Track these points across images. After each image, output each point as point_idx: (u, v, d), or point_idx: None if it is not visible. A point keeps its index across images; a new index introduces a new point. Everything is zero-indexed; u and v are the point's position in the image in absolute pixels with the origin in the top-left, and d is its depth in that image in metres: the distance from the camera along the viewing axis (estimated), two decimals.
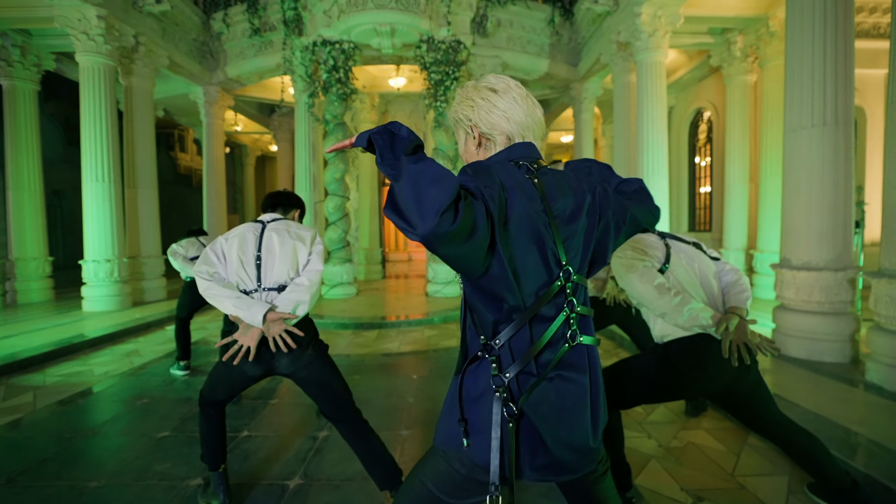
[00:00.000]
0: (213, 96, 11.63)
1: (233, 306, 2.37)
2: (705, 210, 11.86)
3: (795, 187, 5.00)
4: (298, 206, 2.94)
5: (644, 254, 2.49)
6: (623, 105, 9.18)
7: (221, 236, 2.59)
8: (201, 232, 5.62)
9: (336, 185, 9.55)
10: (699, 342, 2.37)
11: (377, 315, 7.88)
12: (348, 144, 1.26)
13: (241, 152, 20.06)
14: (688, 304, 2.32)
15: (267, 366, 2.52)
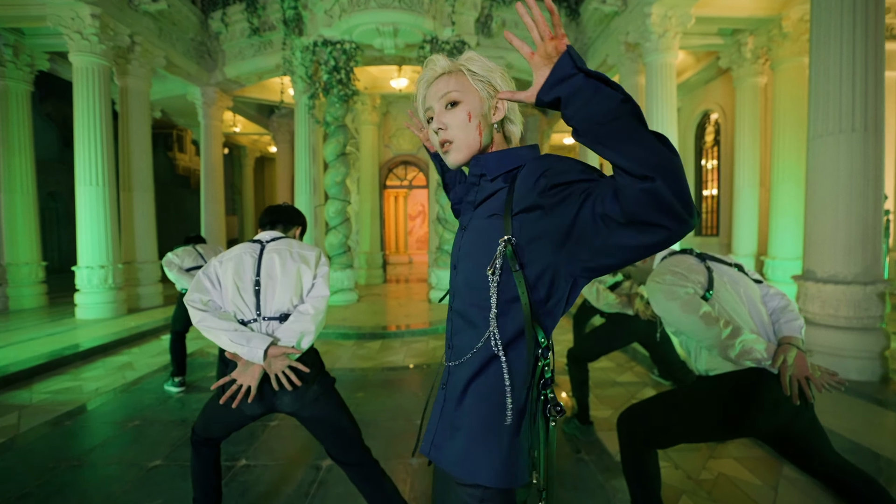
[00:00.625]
0: (212, 97, 11.39)
1: (230, 341, 2.09)
2: (712, 214, 11.63)
3: (821, 196, 4.74)
4: (300, 222, 2.67)
5: (685, 279, 2.22)
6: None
7: (215, 258, 2.30)
8: (199, 239, 5.35)
9: (337, 188, 9.32)
10: (754, 378, 2.10)
11: (379, 324, 7.66)
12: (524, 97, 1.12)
13: (239, 154, 19.82)
14: (739, 335, 2.06)
15: (268, 404, 2.26)
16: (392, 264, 18.04)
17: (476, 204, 1.24)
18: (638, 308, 3.55)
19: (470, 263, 1.18)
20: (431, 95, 1.27)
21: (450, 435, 1.20)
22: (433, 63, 1.28)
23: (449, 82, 1.24)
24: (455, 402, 1.21)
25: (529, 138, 15.10)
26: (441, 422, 1.23)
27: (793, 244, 8.07)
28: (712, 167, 11.59)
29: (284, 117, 14.88)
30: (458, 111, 1.23)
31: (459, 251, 1.24)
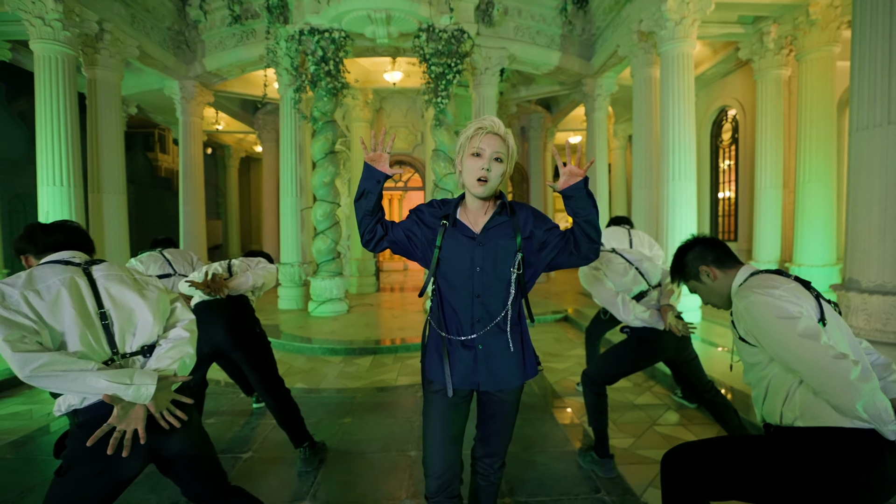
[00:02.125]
0: (191, 91, 11.12)
1: (108, 382, 1.75)
2: (729, 217, 11.35)
3: (865, 195, 4.41)
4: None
5: (797, 297, 1.85)
6: (644, 102, 8.68)
7: (21, 288, 1.80)
8: (168, 242, 4.98)
9: (325, 189, 9.04)
10: (871, 444, 1.69)
11: (371, 338, 7.39)
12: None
13: (223, 154, 19.54)
14: (870, 380, 1.66)
15: (149, 452, 1.92)
16: (386, 272, 17.78)
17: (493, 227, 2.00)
18: (670, 322, 3.22)
19: (500, 264, 1.96)
20: (487, 143, 1.95)
21: (504, 367, 2.02)
22: (494, 124, 1.97)
23: (500, 144, 1.96)
24: (502, 348, 2.01)
25: (532, 136, 14.93)
26: (488, 365, 2.00)
27: (821, 250, 7.78)
28: (729, 167, 11.30)
29: (270, 114, 14.59)
30: (501, 166, 1.97)
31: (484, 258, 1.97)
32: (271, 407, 3.55)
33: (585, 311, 9.09)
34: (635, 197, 8.93)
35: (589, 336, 5.06)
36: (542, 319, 8.90)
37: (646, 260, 3.62)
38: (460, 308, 2.01)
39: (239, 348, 3.53)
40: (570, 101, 13.18)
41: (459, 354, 2.02)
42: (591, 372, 3.52)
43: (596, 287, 3.47)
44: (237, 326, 3.55)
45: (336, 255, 9.37)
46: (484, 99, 9.58)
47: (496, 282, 1.97)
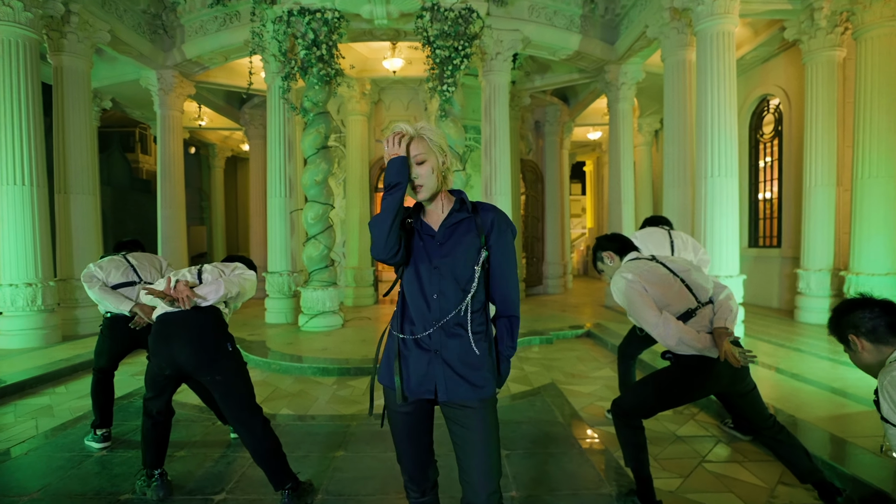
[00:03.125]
0: (169, 82, 11.01)
1: None
2: (771, 221, 11.02)
3: None
4: None
5: None
6: (676, 89, 8.44)
7: None
8: (134, 246, 4.75)
9: (317, 189, 8.84)
10: None
11: (368, 356, 7.13)
12: None
13: (208, 153, 19.46)
14: None
15: None
16: (385, 282, 17.41)
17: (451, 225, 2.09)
18: (727, 350, 2.83)
19: (459, 262, 2.04)
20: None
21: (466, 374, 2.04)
22: (402, 129, 2.07)
23: (416, 144, 2.05)
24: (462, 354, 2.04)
25: (548, 131, 14.75)
26: (446, 370, 2.02)
27: (884, 256, 7.54)
28: (770, 164, 11.00)
29: (258, 108, 14.38)
30: (427, 165, 2.07)
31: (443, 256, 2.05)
32: (247, 442, 3.23)
33: (609, 325, 8.91)
34: (666, 196, 8.68)
35: (622, 356, 4.74)
36: (560, 336, 8.67)
37: (693, 270, 3.20)
38: (419, 308, 2.07)
39: (207, 370, 3.20)
40: (590, 91, 13.00)
41: (415, 356, 2.06)
42: (626, 403, 3.18)
43: (633, 304, 3.05)
44: (204, 344, 3.22)
45: (329, 262, 9.20)
46: (494, 88, 9.40)
47: (454, 281, 2.04)
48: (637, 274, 3.09)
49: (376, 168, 12.71)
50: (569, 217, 16.25)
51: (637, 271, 3.11)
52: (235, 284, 3.39)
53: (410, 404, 2.07)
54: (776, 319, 9.14)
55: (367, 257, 12.47)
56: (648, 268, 3.16)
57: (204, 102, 13.71)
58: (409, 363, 2.05)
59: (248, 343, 7.95)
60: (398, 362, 2.06)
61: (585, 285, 16.98)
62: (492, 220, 2.08)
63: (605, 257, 3.50)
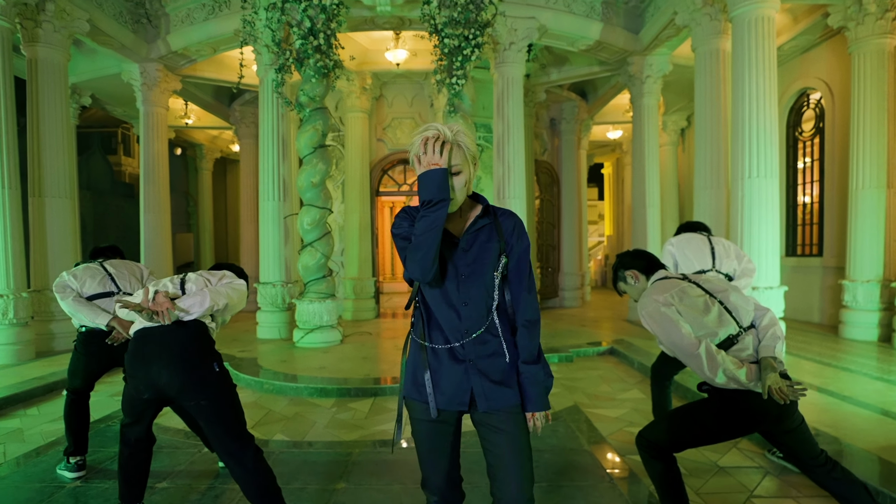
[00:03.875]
0: (153, 77, 11.01)
1: None
2: (811, 227, 10.91)
3: None
4: None
5: None
6: (709, 82, 8.36)
7: None
8: (112, 252, 4.68)
9: (314, 192, 8.80)
10: None
11: (370, 375, 7.11)
12: None
13: (195, 154, 19.51)
14: None
15: None
16: (387, 294, 17.61)
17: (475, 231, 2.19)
18: (771, 385, 2.60)
19: (486, 269, 2.16)
20: None
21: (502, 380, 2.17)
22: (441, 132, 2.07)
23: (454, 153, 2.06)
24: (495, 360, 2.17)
25: (565, 129, 14.74)
26: (483, 380, 2.13)
27: None
28: (809, 164, 10.93)
29: (249, 104, 14.32)
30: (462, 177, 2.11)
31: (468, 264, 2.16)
32: (236, 475, 3.09)
33: (634, 342, 8.86)
34: (697, 200, 8.59)
35: (656, 377, 4.59)
36: (580, 353, 8.59)
37: (732, 290, 3.00)
38: (448, 319, 2.15)
39: (190, 394, 3.05)
40: (611, 86, 12.96)
41: (447, 367, 2.14)
42: (656, 436, 3.01)
43: (666, 331, 2.83)
44: (188, 364, 3.06)
45: (327, 272, 9.17)
46: (508, 81, 9.36)
47: (483, 288, 2.15)
48: (669, 295, 2.90)
49: (378, 170, 12.67)
50: (586, 223, 16.14)
51: (668, 292, 2.91)
52: (223, 295, 3.24)
53: (440, 414, 2.14)
54: (818, 335, 9.01)
55: (367, 267, 12.43)
56: (681, 288, 2.95)
57: (191, 99, 13.67)
58: (441, 374, 2.13)
59: (237, 360, 7.89)
60: (428, 371, 2.14)
61: (604, 298, 16.88)
62: (513, 226, 2.20)
63: (629, 276, 3.28)
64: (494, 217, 2.21)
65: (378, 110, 12.57)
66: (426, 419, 2.16)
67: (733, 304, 2.91)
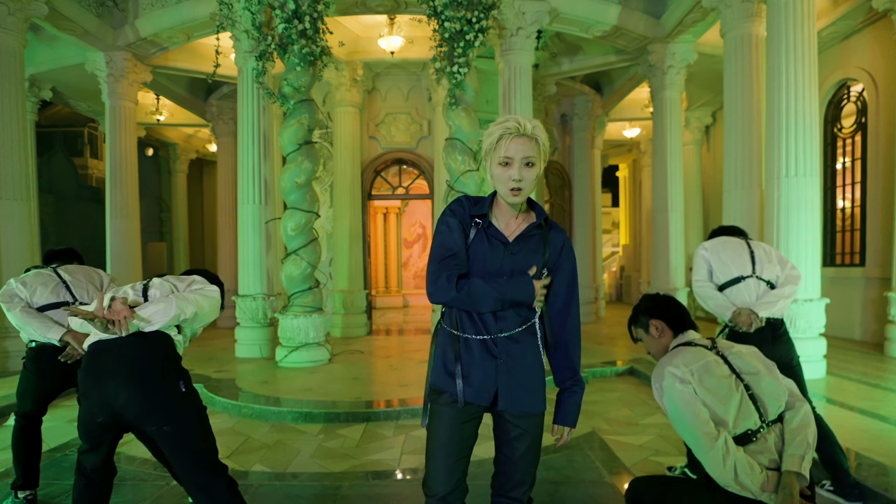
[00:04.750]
0: (120, 67, 10.99)
1: None
2: (851, 233, 10.90)
3: None
4: None
5: None
6: (739, 71, 8.30)
7: None
8: (69, 256, 4.60)
9: (298, 194, 8.81)
10: None
11: (361, 398, 7.08)
12: None
13: (168, 155, 19.59)
14: None
15: None
16: (380, 309, 17.72)
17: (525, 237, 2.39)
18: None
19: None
20: (515, 149, 2.27)
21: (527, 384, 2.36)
22: (521, 124, 2.27)
23: (530, 146, 2.27)
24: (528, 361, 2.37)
25: (577, 126, 14.78)
26: (510, 379, 2.34)
27: None
28: (850, 164, 10.91)
29: (228, 98, 14.31)
30: (533, 170, 2.31)
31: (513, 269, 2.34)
32: None
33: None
34: (727, 202, 8.57)
35: None
36: (597, 373, 8.56)
37: (765, 371, 2.71)
38: (485, 316, 2.34)
39: (152, 417, 2.87)
40: (629, 77, 13.00)
41: (478, 360, 2.33)
42: (648, 498, 2.89)
43: (681, 418, 2.57)
44: (149, 382, 2.87)
45: (313, 283, 9.17)
46: (515, 71, 9.37)
47: None
48: (688, 371, 2.61)
49: (370, 171, 12.67)
50: (601, 231, 16.09)
51: (689, 367, 2.62)
52: (191, 303, 3.07)
53: (466, 407, 2.33)
54: (860, 353, 8.95)
55: (358, 278, 12.41)
56: (705, 363, 2.66)
57: (162, 92, 13.69)
58: (472, 366, 2.33)
59: (213, 382, 7.86)
60: (459, 362, 2.33)
61: (620, 313, 16.83)
62: (562, 244, 2.41)
63: (652, 327, 2.99)
64: (546, 229, 2.40)
65: (370, 105, 12.60)
66: (450, 409, 2.33)
67: (762, 392, 2.64)
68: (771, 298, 4.05)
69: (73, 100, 13.88)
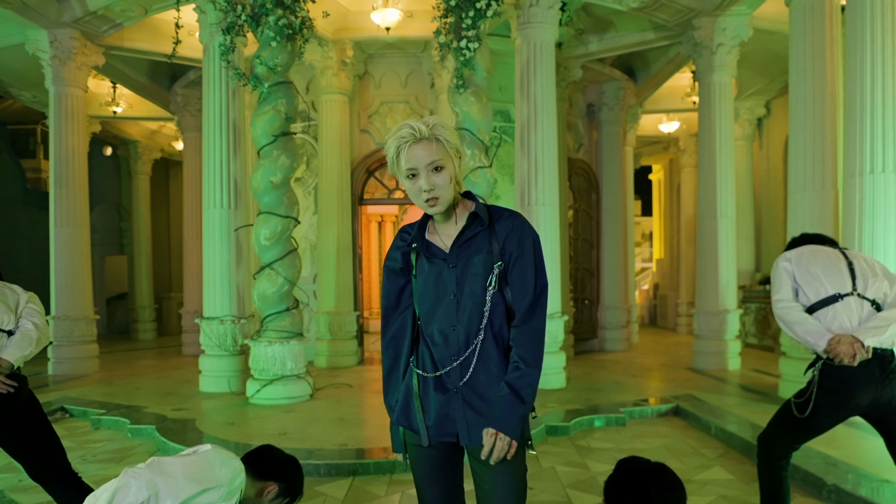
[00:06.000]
0: (67, 47, 10.93)
1: None
2: None
3: None
4: None
5: None
6: (810, 46, 8.04)
7: None
8: None
9: (274, 195, 8.67)
10: None
11: (349, 444, 6.89)
12: None
13: (128, 154, 19.53)
14: None
15: None
16: (373, 334, 17.47)
17: (464, 242, 2.43)
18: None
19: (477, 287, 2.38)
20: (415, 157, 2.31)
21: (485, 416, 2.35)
22: (415, 129, 2.29)
23: (433, 148, 2.30)
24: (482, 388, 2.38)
25: (605, 118, 14.72)
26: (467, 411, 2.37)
27: None
28: None
29: (195, 86, 14.15)
30: (444, 172, 2.35)
31: (458, 281, 2.41)
32: None
33: (706, 397, 8.77)
34: (793, 204, 8.36)
35: (766, 453, 4.10)
36: (635, 413, 8.37)
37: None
38: (435, 343, 2.45)
39: None
40: (669, 59, 12.90)
41: (432, 398, 2.43)
42: None
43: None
44: None
45: (292, 304, 9.05)
46: (535, 48, 9.25)
47: (474, 308, 2.39)
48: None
49: (361, 170, 12.57)
50: (633, 242, 15.80)
51: None
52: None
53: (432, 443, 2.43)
54: None
55: (347, 298, 12.30)
56: None
57: (119, 79, 13.65)
58: (428, 403, 2.41)
59: (168, 423, 7.70)
60: (417, 401, 2.43)
61: (656, 339, 16.81)
62: (509, 230, 2.42)
63: None
64: (489, 222, 2.43)
65: (362, 92, 12.52)
66: (419, 445, 2.45)
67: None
68: (879, 322, 3.58)
69: (14, 88, 13.90)
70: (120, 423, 7.78)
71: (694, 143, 17.10)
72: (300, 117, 11.49)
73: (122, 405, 8.57)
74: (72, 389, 9.79)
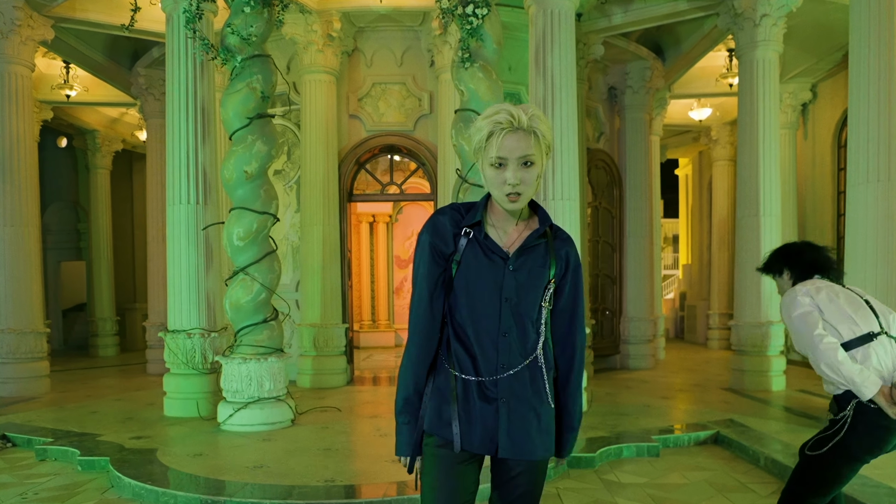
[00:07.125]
0: (10, 18, 10.92)
1: None
2: None
3: None
4: None
5: None
6: (875, 15, 7.80)
7: None
8: None
9: (248, 188, 8.56)
10: None
11: (336, 479, 6.69)
12: None
13: (85, 145, 19.46)
14: None
15: None
16: (365, 349, 17.83)
17: (527, 249, 2.49)
18: None
19: (534, 296, 2.46)
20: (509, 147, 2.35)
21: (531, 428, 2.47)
22: (514, 116, 2.33)
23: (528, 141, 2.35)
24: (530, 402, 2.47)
25: (630, 103, 14.71)
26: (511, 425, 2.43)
27: None
28: None
29: (160, 66, 13.91)
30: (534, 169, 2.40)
31: (517, 288, 2.46)
32: None
33: (750, 422, 8.69)
34: (853, 199, 8.16)
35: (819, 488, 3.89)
36: (669, 442, 8.26)
37: None
38: (481, 348, 2.47)
39: None
40: (704, 34, 12.81)
41: (476, 407, 2.45)
42: None
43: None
44: None
45: (270, 314, 8.96)
46: (552, 18, 9.08)
47: (527, 317, 2.48)
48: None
49: (351, 162, 12.51)
50: (659, 246, 15.59)
51: None
52: None
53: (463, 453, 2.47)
54: None
55: (335, 308, 12.21)
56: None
57: (72, 57, 13.59)
58: (470, 411, 2.44)
59: (125, 454, 7.50)
60: (456, 405, 2.44)
61: (684, 355, 16.83)
62: (567, 255, 2.56)
63: None
64: (550, 237, 2.53)
65: (351, 71, 12.51)
66: (444, 451, 2.46)
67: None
68: None
69: None
70: (69, 454, 7.54)
71: (728, 132, 17.03)
72: (280, 101, 11.35)
73: (74, 433, 8.37)
74: (16, 414, 9.62)
